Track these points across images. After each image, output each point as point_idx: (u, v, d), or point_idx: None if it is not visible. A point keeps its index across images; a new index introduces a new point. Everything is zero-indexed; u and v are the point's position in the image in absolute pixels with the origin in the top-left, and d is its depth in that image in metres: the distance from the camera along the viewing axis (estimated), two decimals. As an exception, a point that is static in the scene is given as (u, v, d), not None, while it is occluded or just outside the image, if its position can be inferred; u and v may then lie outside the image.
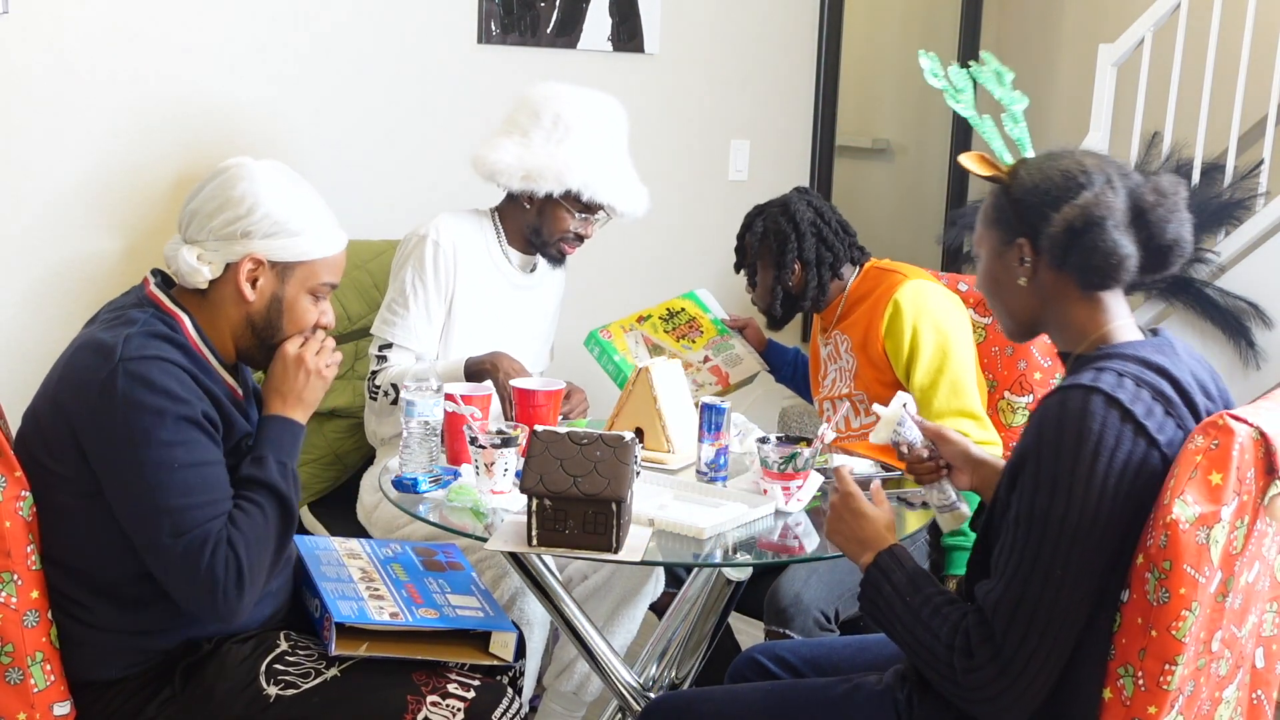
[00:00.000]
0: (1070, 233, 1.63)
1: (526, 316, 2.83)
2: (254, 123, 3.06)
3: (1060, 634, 1.54)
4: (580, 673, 2.58)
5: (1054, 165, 1.68)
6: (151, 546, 1.72)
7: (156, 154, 2.92)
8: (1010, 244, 1.70)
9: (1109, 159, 1.69)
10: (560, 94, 2.71)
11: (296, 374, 1.89)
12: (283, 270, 1.86)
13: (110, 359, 1.72)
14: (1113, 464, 1.51)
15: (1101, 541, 1.53)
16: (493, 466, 2.10)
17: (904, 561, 1.70)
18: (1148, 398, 1.56)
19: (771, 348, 3.01)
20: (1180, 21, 3.94)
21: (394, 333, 2.67)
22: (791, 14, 4.09)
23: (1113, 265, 1.62)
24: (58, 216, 2.83)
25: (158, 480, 1.71)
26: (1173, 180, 1.67)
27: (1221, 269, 3.86)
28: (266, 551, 1.79)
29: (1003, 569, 1.57)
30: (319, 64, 3.15)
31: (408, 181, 3.32)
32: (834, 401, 2.76)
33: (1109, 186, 1.64)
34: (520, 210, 2.74)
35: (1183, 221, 1.65)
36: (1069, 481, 1.51)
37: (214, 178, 1.87)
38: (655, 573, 2.60)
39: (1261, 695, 1.75)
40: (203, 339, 1.85)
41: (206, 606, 1.74)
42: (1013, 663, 1.54)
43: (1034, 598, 1.53)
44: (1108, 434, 1.52)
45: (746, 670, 2.07)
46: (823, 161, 4.27)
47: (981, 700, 1.57)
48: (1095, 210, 1.61)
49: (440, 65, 3.35)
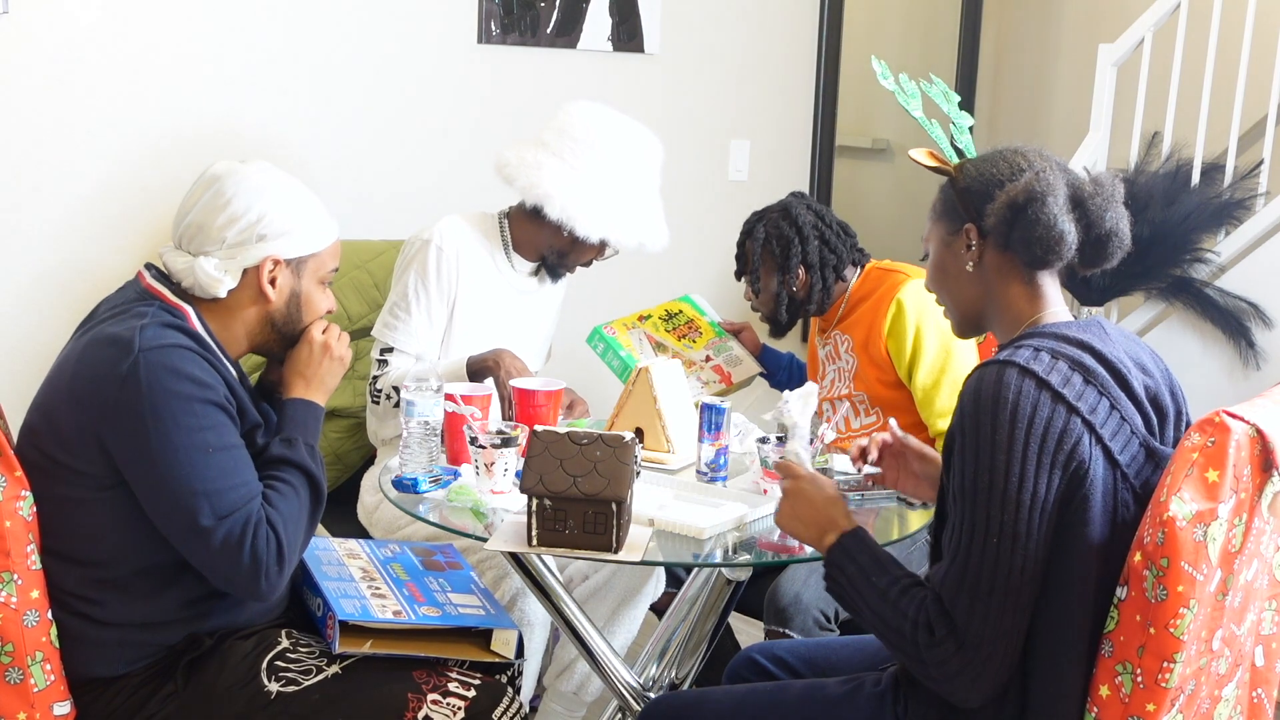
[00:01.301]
0: (1013, 208, 1.68)
1: (528, 321, 2.82)
2: (254, 122, 3.07)
3: (1009, 606, 1.55)
4: (580, 673, 2.58)
5: (997, 156, 1.77)
6: (191, 532, 1.74)
7: (157, 153, 2.93)
8: (957, 232, 1.76)
9: (1050, 155, 1.77)
10: (614, 130, 2.69)
11: (322, 358, 1.96)
12: (297, 266, 1.91)
13: (129, 350, 1.73)
14: (1032, 430, 1.54)
15: (1035, 509, 1.55)
16: (493, 466, 2.10)
17: (867, 543, 1.71)
18: (1064, 368, 1.59)
19: (766, 353, 3.02)
20: (1180, 21, 3.94)
21: (395, 337, 2.67)
22: (791, 14, 4.09)
23: (1054, 239, 1.66)
24: (58, 216, 2.83)
25: (193, 465, 1.73)
26: (1110, 175, 1.74)
27: (1221, 269, 3.86)
28: (300, 530, 1.83)
29: (949, 547, 1.61)
30: (319, 64, 3.15)
31: (408, 181, 3.32)
32: (833, 402, 2.76)
33: (1049, 168, 1.71)
34: (542, 228, 2.69)
35: (1120, 215, 1.72)
36: (990, 450, 1.55)
37: (206, 187, 1.88)
38: (656, 573, 2.60)
39: (1261, 694, 1.75)
40: (207, 331, 1.87)
41: (251, 587, 1.77)
42: (967, 636, 1.55)
43: (976, 569, 1.56)
44: (1024, 402, 1.55)
45: (744, 670, 2.07)
46: (823, 161, 4.27)
47: (944, 678, 1.58)
48: (1036, 185, 1.67)
49: (440, 65, 3.36)
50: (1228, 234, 3.87)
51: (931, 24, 5.19)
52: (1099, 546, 1.57)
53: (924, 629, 1.59)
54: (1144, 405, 1.64)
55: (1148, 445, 1.62)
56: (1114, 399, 1.60)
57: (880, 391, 2.64)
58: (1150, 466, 1.62)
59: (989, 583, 1.55)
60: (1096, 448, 1.57)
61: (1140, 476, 1.60)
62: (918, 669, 1.61)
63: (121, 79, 2.85)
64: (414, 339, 2.66)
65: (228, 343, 1.90)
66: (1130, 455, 1.60)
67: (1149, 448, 1.62)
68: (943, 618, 1.58)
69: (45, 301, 2.82)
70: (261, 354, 1.98)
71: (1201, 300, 3.81)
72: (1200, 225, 3.77)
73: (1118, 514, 1.59)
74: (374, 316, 2.93)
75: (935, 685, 1.61)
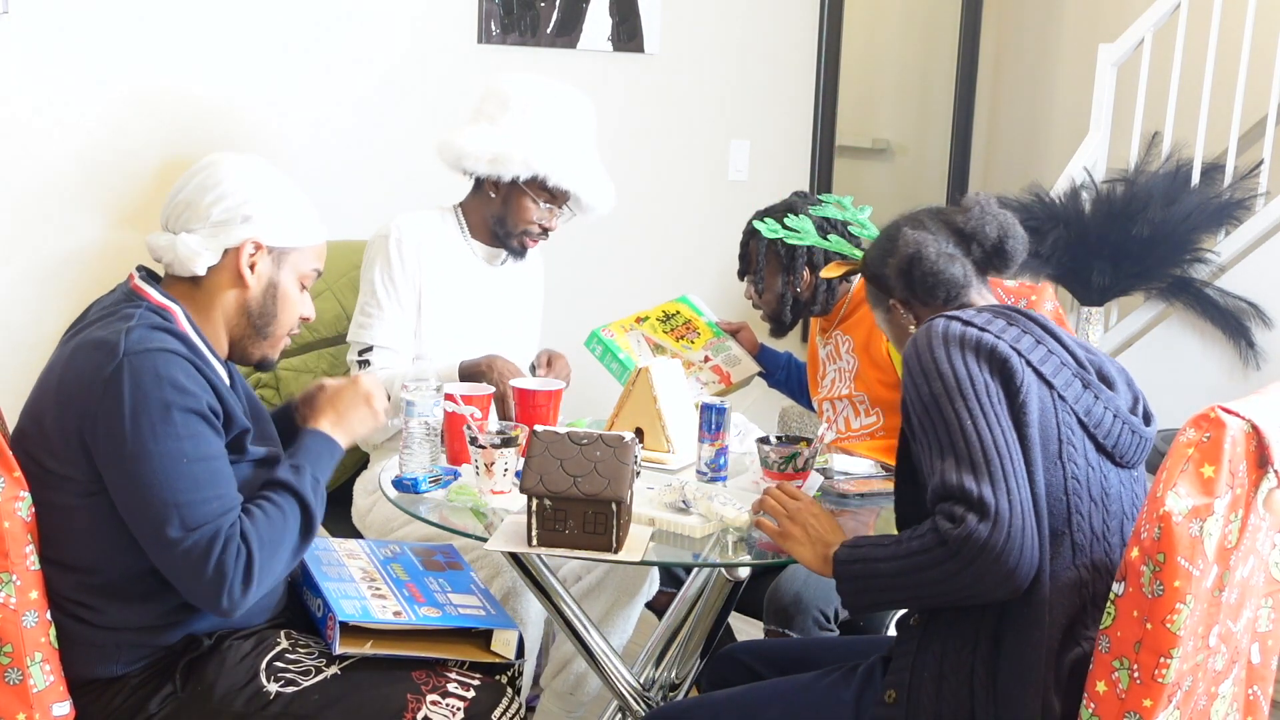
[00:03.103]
0: (904, 275, 1.90)
1: (498, 310, 2.81)
2: (254, 122, 3.07)
3: (1008, 470, 1.62)
4: (577, 671, 2.58)
5: (881, 236, 2.03)
6: (158, 541, 1.72)
7: (156, 153, 2.93)
8: (890, 309, 1.99)
9: (923, 209, 2.00)
10: (529, 83, 2.71)
11: (360, 404, 1.98)
12: (279, 256, 1.90)
13: (114, 354, 1.72)
14: (965, 343, 1.71)
15: (987, 393, 1.67)
16: (493, 466, 2.10)
17: (862, 535, 1.82)
18: (989, 315, 1.78)
19: (764, 352, 3.01)
20: (1180, 21, 3.94)
21: (372, 334, 2.66)
22: (791, 14, 4.09)
23: (949, 278, 1.87)
24: (58, 216, 2.83)
25: (167, 474, 1.70)
26: (973, 195, 1.96)
27: (1221, 269, 3.86)
28: (279, 557, 1.79)
29: (932, 459, 1.68)
30: (319, 64, 3.15)
31: (407, 182, 3.32)
32: (833, 402, 2.76)
33: (916, 227, 1.92)
34: (485, 201, 2.73)
35: (1002, 218, 1.92)
36: (933, 367, 1.71)
37: (199, 172, 1.89)
38: (650, 572, 2.60)
39: (1258, 691, 1.75)
40: (195, 332, 1.86)
41: (211, 600, 1.74)
42: (984, 507, 1.60)
43: (964, 452, 1.64)
44: (951, 330, 1.73)
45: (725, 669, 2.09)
46: (823, 161, 4.27)
47: (985, 564, 1.59)
48: (907, 249, 1.88)
49: (440, 65, 3.36)
50: (1228, 234, 3.87)
51: (931, 24, 5.20)
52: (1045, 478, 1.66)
53: (945, 521, 1.62)
54: (1077, 354, 1.76)
55: (1083, 378, 1.73)
56: (1039, 337, 1.75)
57: (881, 392, 2.64)
58: (1090, 397, 1.72)
59: (980, 455, 1.63)
60: (1026, 368, 1.69)
61: (1081, 404, 1.71)
62: (958, 573, 1.61)
63: (121, 79, 2.86)
64: (391, 332, 2.66)
65: (214, 340, 1.89)
66: (1065, 381, 1.72)
67: (1084, 380, 1.73)
68: (956, 505, 1.62)
69: (43, 301, 2.82)
70: (238, 356, 1.94)
71: (1201, 300, 3.81)
72: (1200, 225, 3.78)
73: (1061, 435, 1.68)
74: (374, 317, 2.93)
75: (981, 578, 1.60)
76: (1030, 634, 1.64)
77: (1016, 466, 1.63)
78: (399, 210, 2.79)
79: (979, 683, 1.66)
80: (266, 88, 3.07)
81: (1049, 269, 3.77)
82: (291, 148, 3.12)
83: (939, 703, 1.68)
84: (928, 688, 1.69)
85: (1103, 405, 1.72)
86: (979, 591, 1.62)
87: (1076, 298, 3.89)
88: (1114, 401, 1.74)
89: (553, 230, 2.75)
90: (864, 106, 5.15)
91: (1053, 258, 3.74)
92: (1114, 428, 1.73)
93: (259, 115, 3.07)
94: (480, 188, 2.74)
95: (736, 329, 2.98)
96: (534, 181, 2.66)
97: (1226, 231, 3.87)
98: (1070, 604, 1.65)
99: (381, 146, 3.29)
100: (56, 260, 2.84)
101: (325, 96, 3.17)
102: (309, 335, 2.91)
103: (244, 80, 3.03)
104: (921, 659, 1.71)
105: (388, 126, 3.30)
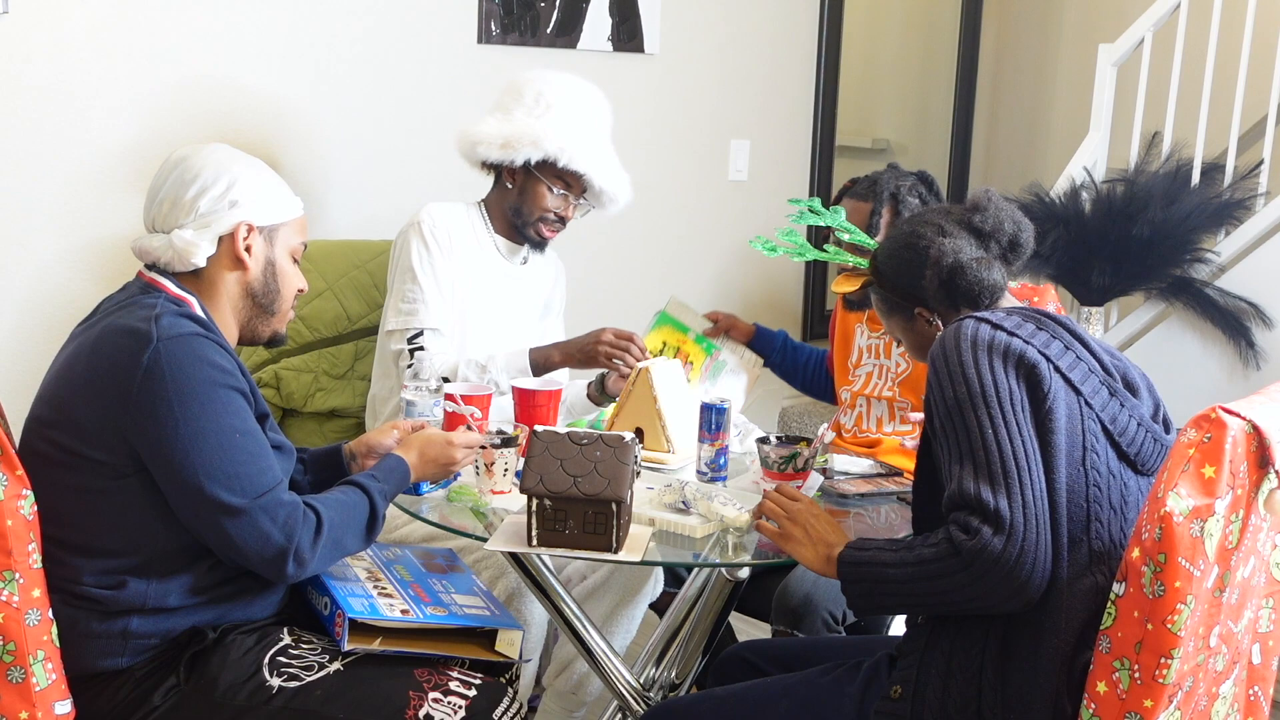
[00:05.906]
0: (944, 284, 1.87)
1: (521, 306, 2.82)
2: (254, 122, 3.07)
3: (1026, 482, 1.61)
4: (579, 671, 2.58)
5: (899, 243, 1.95)
6: (224, 511, 1.75)
7: (157, 153, 2.92)
8: (912, 317, 1.96)
9: (932, 209, 1.98)
10: (545, 75, 2.74)
11: (444, 448, 2.05)
12: (270, 234, 1.95)
13: (147, 341, 1.76)
14: (993, 348, 1.70)
15: (1012, 402, 1.66)
16: (493, 466, 2.10)
17: (867, 538, 1.79)
18: (1018, 319, 1.76)
19: (759, 335, 2.93)
20: (1180, 21, 3.94)
21: (422, 318, 2.65)
22: (791, 14, 4.09)
23: (990, 285, 1.86)
24: (58, 216, 2.83)
25: (223, 447, 1.76)
26: (981, 191, 1.96)
27: (1221, 269, 3.86)
28: (348, 532, 1.86)
29: (951, 463, 1.67)
30: (319, 64, 3.15)
31: (407, 181, 3.33)
32: (868, 399, 2.73)
33: (942, 235, 1.89)
34: (503, 193, 2.75)
35: (1013, 214, 1.93)
36: (960, 371, 1.69)
37: (173, 168, 1.93)
38: (654, 572, 2.60)
39: (1258, 691, 1.75)
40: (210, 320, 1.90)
41: (278, 562, 1.79)
42: (999, 519, 1.59)
43: (984, 461, 1.64)
44: (981, 333, 1.72)
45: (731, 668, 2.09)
46: (823, 161, 4.27)
47: (996, 576, 1.59)
48: (947, 259, 1.86)
49: (440, 65, 3.36)
50: (1228, 234, 3.87)
51: (931, 24, 5.20)
52: (1066, 485, 1.65)
53: (960, 531, 1.61)
54: (1103, 360, 1.74)
55: (1109, 385, 1.71)
56: (1067, 343, 1.74)
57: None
58: (1116, 404, 1.71)
59: (999, 466, 1.62)
60: (1054, 374, 1.68)
61: (1107, 412, 1.70)
62: (969, 584, 1.61)
63: (121, 79, 2.86)
64: (438, 315, 2.66)
65: (224, 328, 1.94)
66: (1092, 388, 1.70)
67: (1111, 387, 1.71)
68: (971, 515, 1.61)
69: (45, 298, 2.82)
70: (249, 338, 2.00)
71: (1201, 300, 3.81)
72: (1200, 225, 3.77)
73: (1086, 442, 1.67)
74: (374, 316, 2.93)
75: (993, 588, 1.60)
76: (1046, 640, 1.63)
77: (1035, 478, 1.62)
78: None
79: (987, 681, 1.66)
80: (266, 87, 3.07)
81: (1049, 269, 3.77)
82: (291, 147, 3.12)
83: (946, 699, 1.68)
84: (935, 684, 1.69)
85: (1128, 413, 1.72)
86: (989, 603, 1.62)
87: (1076, 298, 3.89)
88: (1138, 409, 1.73)
89: (570, 220, 2.76)
90: (864, 106, 5.14)
91: (1053, 258, 3.75)
92: (1137, 435, 1.72)
93: (258, 115, 3.07)
94: (499, 181, 2.76)
95: (726, 326, 2.89)
96: (546, 166, 2.67)
97: (1226, 231, 3.87)
98: (1085, 610, 1.65)
99: (381, 147, 3.29)
100: (57, 260, 2.84)
101: (325, 96, 3.17)
102: (309, 335, 2.91)
103: (243, 80, 3.03)
104: (930, 655, 1.71)
105: (387, 126, 3.30)
